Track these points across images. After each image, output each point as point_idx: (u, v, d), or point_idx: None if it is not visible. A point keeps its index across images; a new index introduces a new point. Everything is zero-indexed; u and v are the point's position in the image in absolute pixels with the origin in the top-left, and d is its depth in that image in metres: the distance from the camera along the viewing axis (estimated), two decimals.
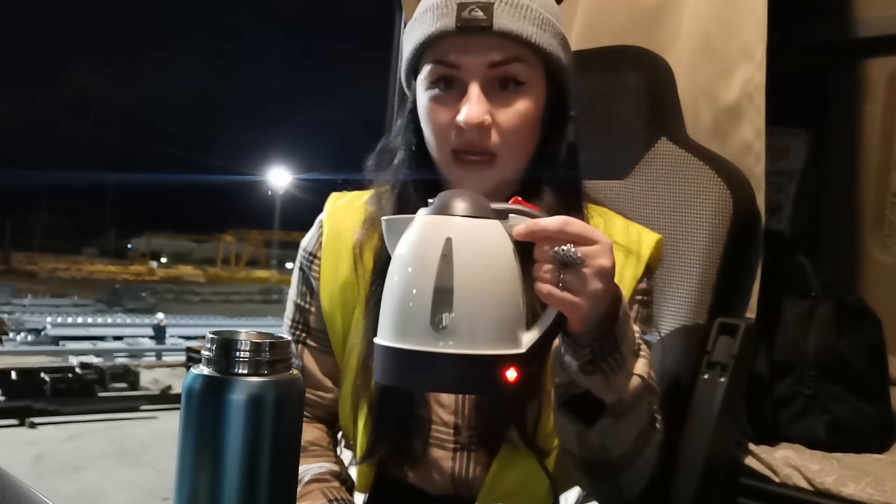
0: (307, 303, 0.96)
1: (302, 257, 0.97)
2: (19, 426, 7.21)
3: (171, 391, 8.40)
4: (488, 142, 0.83)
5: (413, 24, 0.88)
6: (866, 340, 1.46)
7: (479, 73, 0.83)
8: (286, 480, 0.47)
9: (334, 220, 0.96)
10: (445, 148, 0.85)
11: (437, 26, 0.83)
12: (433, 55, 0.85)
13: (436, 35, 0.83)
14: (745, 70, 1.25)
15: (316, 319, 0.95)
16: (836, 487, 1.25)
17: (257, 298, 27.66)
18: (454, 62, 0.83)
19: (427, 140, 0.89)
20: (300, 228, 4.45)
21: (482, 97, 0.83)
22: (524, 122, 0.85)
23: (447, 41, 0.83)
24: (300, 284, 0.97)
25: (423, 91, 0.87)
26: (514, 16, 0.82)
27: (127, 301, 22.09)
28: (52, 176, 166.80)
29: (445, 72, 0.84)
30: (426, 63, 0.86)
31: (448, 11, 0.82)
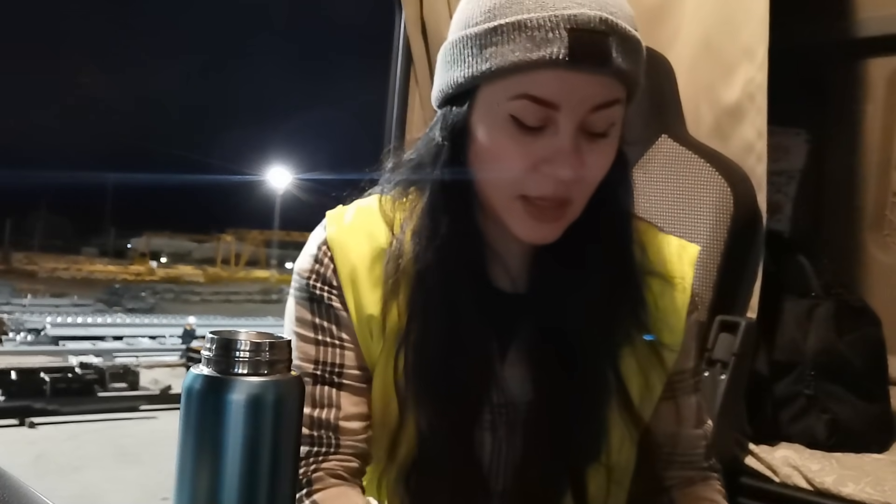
0: (335, 338, 0.80)
1: (313, 288, 0.80)
2: (19, 426, 7.20)
3: (170, 391, 8.40)
4: (569, 194, 0.72)
5: (487, 35, 0.70)
6: (866, 340, 1.46)
7: (579, 116, 0.69)
8: (286, 480, 0.47)
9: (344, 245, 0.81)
10: (512, 191, 0.72)
11: (538, 53, 0.66)
12: (521, 87, 0.68)
13: (533, 63, 0.67)
14: (746, 70, 1.25)
15: (352, 356, 0.80)
16: (835, 487, 1.25)
17: (257, 298, 27.66)
18: (554, 101, 0.68)
19: (483, 175, 0.74)
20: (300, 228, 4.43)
21: (578, 145, 0.70)
22: (608, 164, 0.74)
23: (545, 74, 0.67)
24: (318, 318, 0.80)
25: (490, 123, 0.72)
26: (626, 50, 0.68)
27: (127, 301, 22.09)
28: (52, 176, 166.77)
29: (538, 111, 0.69)
30: (506, 94, 0.70)
31: (554, 37, 0.66)
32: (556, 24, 0.66)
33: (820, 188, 1.88)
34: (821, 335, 1.43)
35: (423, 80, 1.61)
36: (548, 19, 0.67)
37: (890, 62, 1.78)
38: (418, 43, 1.59)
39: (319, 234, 0.83)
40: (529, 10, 0.68)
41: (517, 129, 0.70)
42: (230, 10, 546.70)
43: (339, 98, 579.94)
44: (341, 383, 0.79)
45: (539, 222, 0.73)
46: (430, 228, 0.76)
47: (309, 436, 0.77)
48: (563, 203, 0.72)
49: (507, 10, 0.69)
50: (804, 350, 1.43)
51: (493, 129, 0.72)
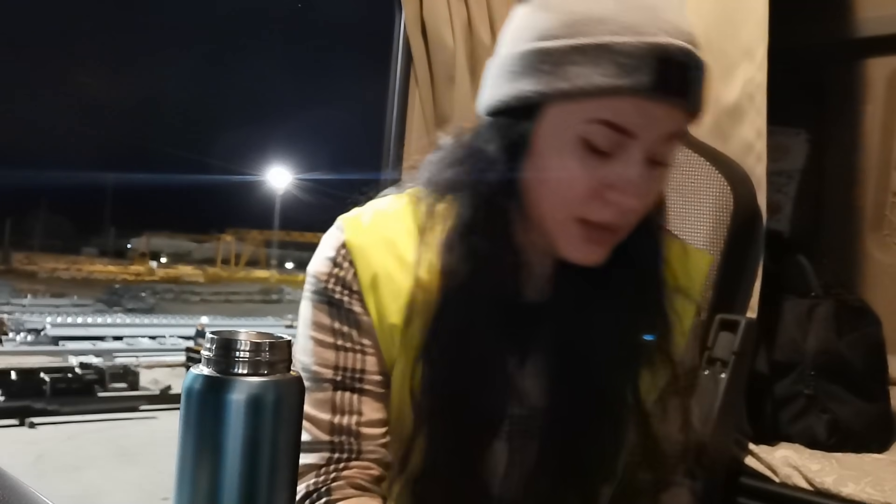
0: (356, 343, 0.78)
1: (332, 292, 0.78)
2: (19, 426, 7.21)
3: (170, 391, 8.40)
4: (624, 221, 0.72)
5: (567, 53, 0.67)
6: (866, 340, 1.46)
7: (651, 145, 0.68)
8: (286, 480, 0.47)
9: (365, 250, 0.78)
10: (570, 215, 0.71)
11: (625, 81, 0.65)
12: (600, 112, 0.67)
13: (618, 90, 0.65)
14: (745, 70, 1.25)
15: (373, 361, 0.78)
16: (835, 487, 1.25)
17: (257, 298, 27.66)
18: (632, 130, 0.67)
19: (540, 195, 0.72)
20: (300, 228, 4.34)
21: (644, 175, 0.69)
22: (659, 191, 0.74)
23: (626, 101, 0.66)
24: (337, 323, 0.78)
25: (559, 144, 0.69)
26: (700, 83, 0.68)
27: (127, 301, 22.09)
28: (52, 176, 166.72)
29: (613, 136, 0.67)
30: (582, 116, 0.67)
31: (642, 65, 0.64)
32: (644, 53, 0.65)
33: (820, 188, 1.88)
34: (821, 335, 1.43)
35: (423, 80, 1.61)
36: (636, 47, 0.65)
37: (890, 62, 1.79)
38: (418, 43, 1.59)
39: (336, 237, 0.79)
40: (616, 33, 0.65)
41: (586, 152, 0.68)
42: (230, 11, 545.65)
43: (339, 98, 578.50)
44: (363, 389, 0.77)
45: (591, 245, 0.72)
46: (468, 241, 0.74)
47: (329, 442, 0.76)
48: (617, 228, 0.72)
49: (591, 28, 0.66)
50: (804, 350, 1.43)
51: (561, 150, 0.69)
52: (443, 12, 1.58)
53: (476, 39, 1.62)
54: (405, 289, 0.76)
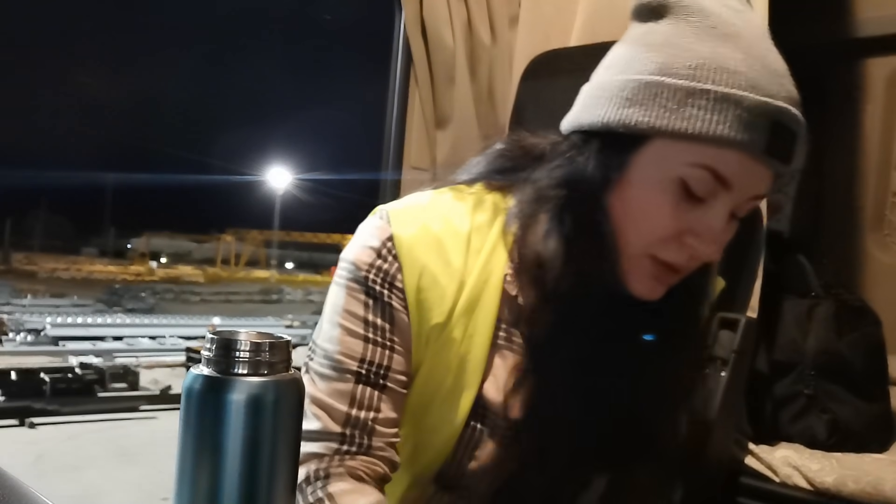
0: (386, 339, 0.76)
1: (373, 283, 0.76)
2: (19, 426, 7.20)
3: (170, 391, 8.40)
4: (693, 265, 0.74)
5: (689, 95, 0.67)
6: (866, 340, 1.46)
7: (739, 201, 0.70)
8: (286, 480, 0.47)
9: (412, 247, 0.76)
10: (645, 250, 0.72)
11: (742, 135, 0.66)
12: (707, 158, 0.68)
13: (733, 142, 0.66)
14: None
15: (400, 360, 0.77)
16: (835, 487, 1.25)
17: (257, 298, 27.66)
18: (732, 182, 0.68)
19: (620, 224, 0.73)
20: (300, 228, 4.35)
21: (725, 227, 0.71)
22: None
23: (735, 154, 0.67)
24: (372, 315, 0.76)
25: (656, 181, 0.70)
26: (800, 152, 0.70)
27: (127, 301, 22.08)
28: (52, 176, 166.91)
29: (711, 184, 0.69)
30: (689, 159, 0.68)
31: (760, 124, 0.66)
32: (765, 113, 0.66)
33: (820, 188, 1.88)
34: (821, 335, 1.43)
35: (423, 81, 1.61)
36: (759, 105, 0.66)
37: (890, 62, 1.79)
38: (418, 43, 1.59)
39: (381, 228, 0.77)
40: (741, 87, 0.66)
41: (681, 194, 0.70)
42: (230, 11, 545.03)
43: (339, 98, 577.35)
44: (385, 385, 0.76)
45: (654, 282, 0.74)
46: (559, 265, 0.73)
47: (340, 434, 0.75)
48: (683, 270, 0.74)
49: (717, 76, 0.67)
50: (804, 350, 1.43)
51: (657, 186, 0.70)
52: (443, 12, 1.58)
53: (476, 39, 1.62)
54: (449, 292, 0.75)
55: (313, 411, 0.75)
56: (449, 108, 1.62)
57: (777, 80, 0.68)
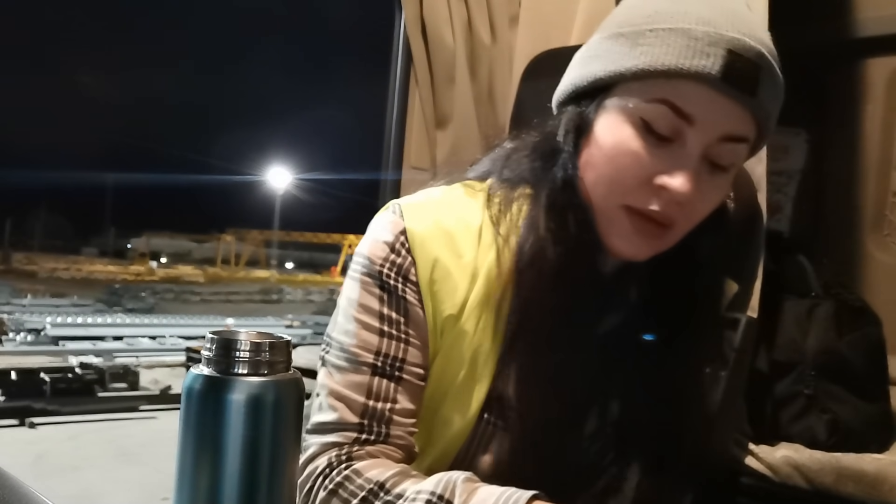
0: (402, 332, 0.77)
1: (387, 277, 0.77)
2: (19, 426, 7.20)
3: (170, 391, 8.40)
4: (675, 217, 0.71)
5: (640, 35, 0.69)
6: (866, 340, 1.46)
7: (709, 139, 0.68)
8: (286, 480, 0.47)
9: (425, 241, 0.77)
10: (620, 199, 0.71)
11: (691, 62, 0.66)
12: (664, 92, 0.68)
13: (683, 72, 0.66)
14: None
15: (415, 353, 0.77)
16: (835, 487, 1.25)
17: (257, 298, 27.65)
18: (692, 115, 0.67)
19: (593, 179, 0.73)
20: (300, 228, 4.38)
21: (699, 171, 0.69)
22: (718, 201, 0.74)
23: (691, 85, 0.67)
24: (387, 308, 0.77)
25: (621, 121, 0.70)
26: (772, 92, 0.69)
27: (127, 301, 22.07)
28: (52, 176, 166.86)
29: (673, 121, 0.68)
30: (646, 95, 0.69)
31: (713, 52, 0.66)
32: (715, 41, 0.66)
33: (820, 188, 1.88)
34: (821, 335, 1.43)
35: (423, 80, 1.61)
36: (708, 34, 0.66)
37: (890, 62, 1.78)
38: (418, 43, 1.59)
39: (395, 222, 0.78)
40: (693, 23, 0.67)
41: (644, 134, 0.69)
42: (230, 11, 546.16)
43: (339, 98, 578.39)
44: (401, 378, 0.77)
45: (637, 236, 0.72)
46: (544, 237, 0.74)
47: (358, 424, 0.75)
48: (664, 224, 0.71)
49: (671, 18, 0.68)
50: (804, 350, 1.43)
51: (620, 130, 0.70)
52: (443, 12, 1.58)
53: (476, 39, 1.62)
54: (462, 284, 0.76)
55: (330, 403, 0.76)
56: (449, 108, 1.62)
57: (734, 17, 0.67)
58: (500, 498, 0.65)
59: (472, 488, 0.67)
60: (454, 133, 1.61)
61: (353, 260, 0.81)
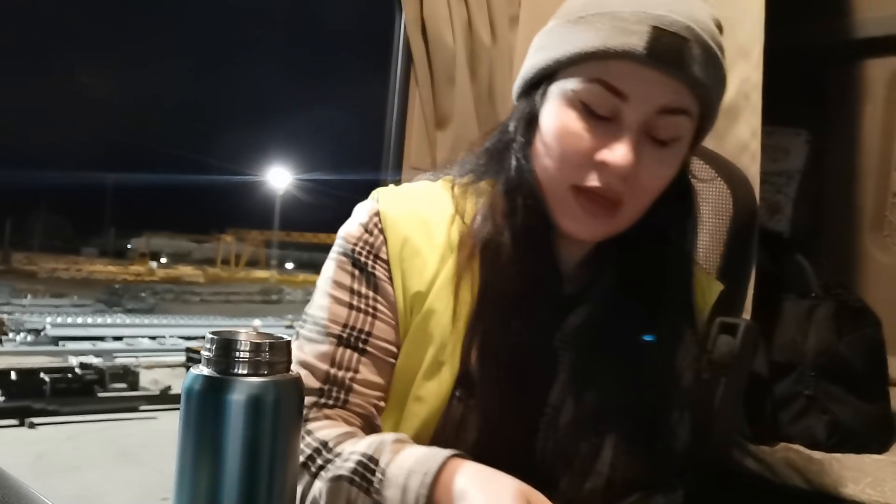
0: (369, 306, 0.80)
1: (359, 255, 0.81)
2: (19, 426, 7.21)
3: (170, 391, 8.41)
4: (622, 193, 0.72)
5: (574, 23, 0.73)
6: (866, 341, 1.46)
7: (646, 114, 0.70)
8: (286, 480, 0.47)
9: (397, 221, 0.81)
10: (567, 180, 0.73)
11: (617, 41, 0.69)
12: (597, 72, 0.70)
13: (612, 52, 0.69)
14: (742, 69, 1.25)
15: (383, 328, 0.80)
16: (835, 488, 1.25)
17: (257, 299, 27.66)
18: (624, 92, 0.69)
19: (542, 164, 0.76)
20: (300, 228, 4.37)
21: (637, 142, 0.70)
22: (666, 177, 0.74)
23: (623, 64, 0.69)
24: (357, 284, 0.81)
25: (561, 105, 0.73)
26: (704, 63, 0.70)
27: (126, 301, 22.08)
28: (52, 176, 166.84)
29: (607, 99, 0.70)
30: (581, 77, 0.71)
31: (638, 30, 0.68)
32: (641, 19, 0.68)
33: (820, 188, 1.88)
34: (821, 336, 1.43)
35: (423, 81, 1.61)
36: (634, 13, 0.69)
37: (890, 62, 1.79)
38: (418, 43, 1.59)
39: (371, 206, 0.83)
40: (622, 5, 0.70)
41: (585, 116, 0.72)
42: (230, 10, 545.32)
43: (340, 98, 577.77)
44: (364, 350, 0.80)
45: (587, 217, 0.73)
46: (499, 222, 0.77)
47: (318, 389, 0.78)
48: (613, 202, 0.72)
49: (600, 4, 0.71)
50: (804, 350, 1.43)
51: (562, 113, 0.73)
52: (443, 13, 1.58)
53: (476, 40, 1.62)
54: (431, 262, 0.79)
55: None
56: (449, 108, 1.62)
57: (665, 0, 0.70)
58: (420, 457, 0.68)
59: (398, 448, 0.70)
60: (454, 133, 1.61)
61: (335, 242, 0.85)
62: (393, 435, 0.73)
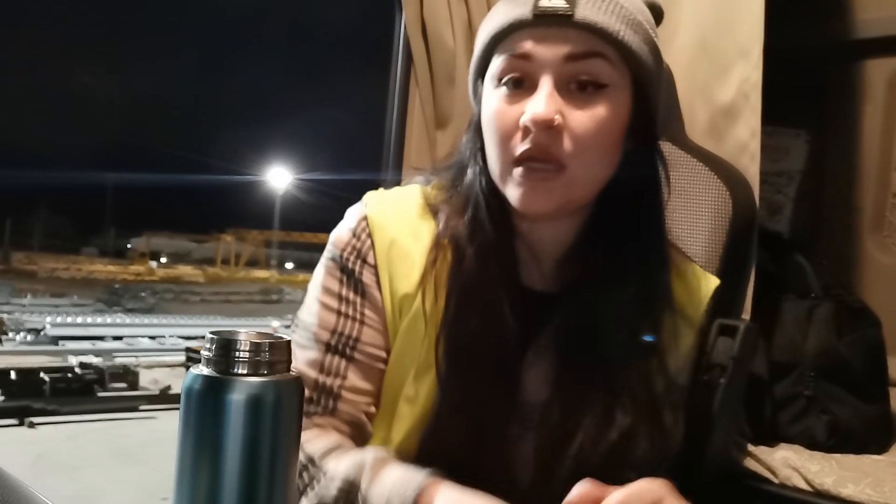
0: (357, 312, 0.81)
1: (346, 261, 0.82)
2: (19, 426, 7.20)
3: (170, 391, 8.40)
4: (558, 148, 0.72)
5: (485, 22, 0.79)
6: (866, 341, 1.46)
7: (553, 66, 0.72)
8: (286, 481, 0.47)
9: (384, 224, 0.82)
10: (507, 156, 0.74)
11: (509, 16, 0.74)
12: (502, 48, 0.75)
13: (507, 26, 0.74)
14: (741, 69, 1.25)
15: (371, 333, 0.81)
16: (835, 488, 1.25)
17: (257, 298, 27.65)
18: (525, 53, 0.73)
19: (488, 153, 0.78)
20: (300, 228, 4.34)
21: (554, 94, 0.72)
22: (602, 128, 0.73)
23: (519, 33, 0.74)
24: (345, 290, 0.82)
25: (488, 91, 0.77)
26: (599, 8, 0.72)
27: (126, 301, 22.08)
28: (52, 176, 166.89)
29: (515, 64, 0.74)
30: (494, 60, 0.76)
31: (523, 1, 0.74)
32: None
33: (820, 189, 1.88)
34: (820, 336, 1.43)
35: (423, 80, 1.61)
36: None
37: (889, 63, 1.79)
38: (418, 43, 1.59)
39: (359, 210, 0.84)
40: None
41: (507, 92, 0.75)
42: (230, 10, 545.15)
43: (340, 98, 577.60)
44: (352, 356, 0.80)
45: (531, 185, 0.73)
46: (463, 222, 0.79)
47: (308, 398, 0.78)
48: (550, 160, 0.72)
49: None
50: (804, 351, 1.43)
51: (489, 98, 0.76)
52: (443, 13, 1.58)
53: None
54: (419, 264, 0.80)
55: None
56: (449, 108, 1.62)
57: None
58: (398, 482, 0.68)
59: (378, 469, 0.70)
60: (454, 133, 1.61)
61: (326, 247, 0.86)
62: (373, 453, 0.73)
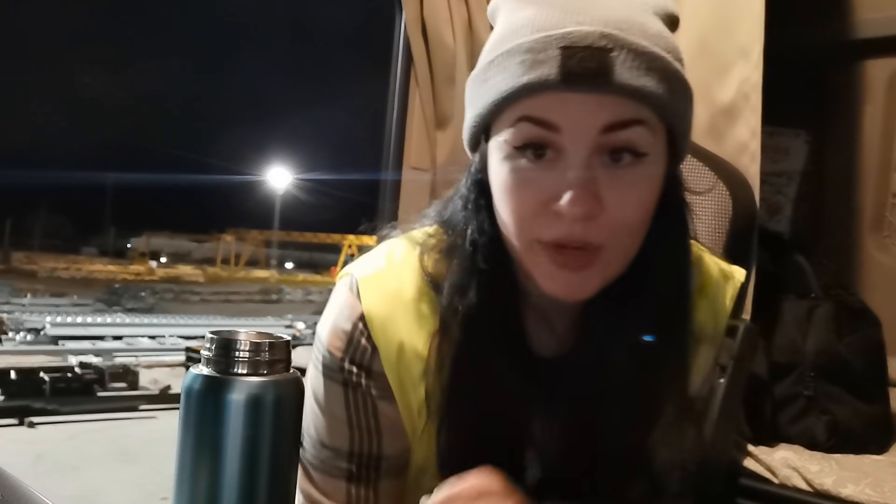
0: (370, 421, 0.73)
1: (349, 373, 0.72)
2: (19, 426, 7.20)
3: (170, 391, 8.39)
4: (596, 234, 0.61)
5: (486, 70, 0.65)
6: (866, 342, 1.46)
7: (587, 139, 0.61)
8: (286, 480, 0.47)
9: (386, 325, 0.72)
10: (530, 234, 0.64)
11: (529, 76, 0.60)
12: (521, 110, 0.62)
13: (524, 87, 0.61)
14: (741, 69, 1.25)
15: (392, 440, 0.74)
16: (835, 488, 1.25)
17: (257, 298, 27.64)
18: (554, 123, 0.61)
19: (502, 222, 0.66)
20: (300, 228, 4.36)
21: (591, 176, 0.61)
22: (641, 204, 0.63)
23: (543, 97, 0.61)
24: (353, 401, 0.73)
25: (500, 159, 0.64)
26: (638, 66, 0.60)
27: (126, 301, 22.06)
28: (52, 176, 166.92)
29: (539, 134, 0.61)
30: (508, 121, 0.63)
31: (546, 57, 0.60)
32: (547, 43, 0.60)
33: (820, 189, 1.88)
34: (820, 336, 1.43)
35: (423, 81, 1.61)
36: (538, 41, 0.61)
37: (889, 63, 1.79)
38: (418, 43, 1.59)
39: (352, 306, 0.73)
40: (526, 34, 0.62)
41: (527, 163, 0.63)
42: (230, 10, 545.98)
43: (340, 98, 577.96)
44: (378, 476, 0.73)
45: (565, 272, 0.63)
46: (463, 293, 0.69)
47: None
48: (588, 248, 0.62)
49: (504, 41, 0.64)
50: (804, 351, 1.43)
51: (502, 167, 0.64)
52: (443, 13, 1.58)
53: (476, 40, 1.62)
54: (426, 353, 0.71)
55: None
56: (449, 108, 1.62)
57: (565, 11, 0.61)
58: None
59: None
60: (454, 133, 1.61)
61: (315, 345, 0.76)
62: None
